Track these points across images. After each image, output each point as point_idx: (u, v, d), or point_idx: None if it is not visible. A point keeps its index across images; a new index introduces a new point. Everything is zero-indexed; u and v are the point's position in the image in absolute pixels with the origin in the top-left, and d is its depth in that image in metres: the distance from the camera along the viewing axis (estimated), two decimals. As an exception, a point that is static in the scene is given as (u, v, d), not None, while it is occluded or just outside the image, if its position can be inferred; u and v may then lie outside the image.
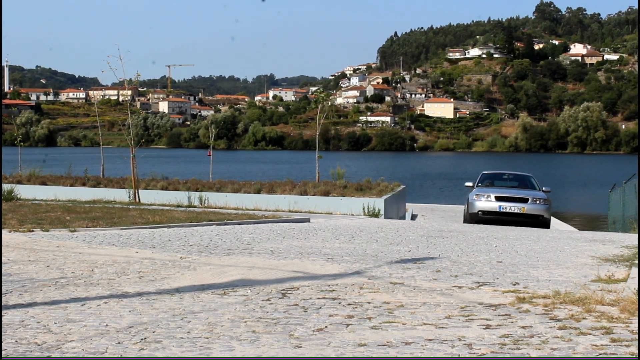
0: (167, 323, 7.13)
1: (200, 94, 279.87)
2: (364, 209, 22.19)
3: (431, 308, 7.78)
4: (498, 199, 21.91)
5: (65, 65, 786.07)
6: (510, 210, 21.63)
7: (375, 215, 21.91)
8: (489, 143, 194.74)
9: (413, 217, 29.85)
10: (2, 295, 8.44)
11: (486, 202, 21.83)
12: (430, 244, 13.68)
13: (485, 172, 24.86)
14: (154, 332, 6.79)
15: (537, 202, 21.92)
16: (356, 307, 7.80)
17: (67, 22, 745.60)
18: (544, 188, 23.25)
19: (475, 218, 21.77)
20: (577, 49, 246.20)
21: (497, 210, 21.64)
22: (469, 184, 23.71)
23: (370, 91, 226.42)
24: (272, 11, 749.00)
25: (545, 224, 21.86)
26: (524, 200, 21.89)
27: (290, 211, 22.22)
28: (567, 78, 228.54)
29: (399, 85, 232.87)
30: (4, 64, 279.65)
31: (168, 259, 11.17)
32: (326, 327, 6.97)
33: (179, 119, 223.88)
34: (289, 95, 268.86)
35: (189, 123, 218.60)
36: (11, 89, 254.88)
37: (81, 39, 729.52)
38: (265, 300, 8.19)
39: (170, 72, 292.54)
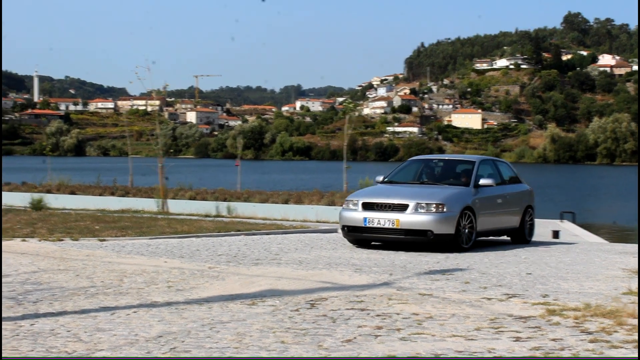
0: (196, 333, 7.15)
1: (227, 105, 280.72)
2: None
3: (460, 320, 7.75)
4: (366, 206, 14.40)
5: (94, 75, 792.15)
6: (378, 225, 14.08)
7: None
8: (517, 154, 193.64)
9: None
10: (33, 304, 8.50)
11: (352, 212, 14.48)
12: (459, 255, 13.61)
13: (413, 158, 17.58)
14: (183, 341, 6.80)
15: (424, 209, 13.91)
16: (385, 318, 7.78)
17: (96, 32, 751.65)
18: (481, 181, 15.13)
19: (348, 238, 15.06)
20: (606, 59, 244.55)
21: (363, 225, 14.25)
22: (380, 178, 16.27)
23: (397, 102, 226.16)
24: (298, 21, 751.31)
25: (445, 244, 14.20)
26: (401, 208, 14.05)
27: (318, 221, 22.23)
28: (596, 89, 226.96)
29: (426, 96, 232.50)
30: (33, 74, 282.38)
31: (196, 269, 11.20)
32: (355, 338, 6.96)
33: (207, 129, 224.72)
34: (316, 106, 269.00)
35: (216, 133, 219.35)
36: (41, 99, 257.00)
37: (110, 50, 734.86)
38: (293, 310, 8.19)
39: (198, 82, 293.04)
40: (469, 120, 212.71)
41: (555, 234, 22.67)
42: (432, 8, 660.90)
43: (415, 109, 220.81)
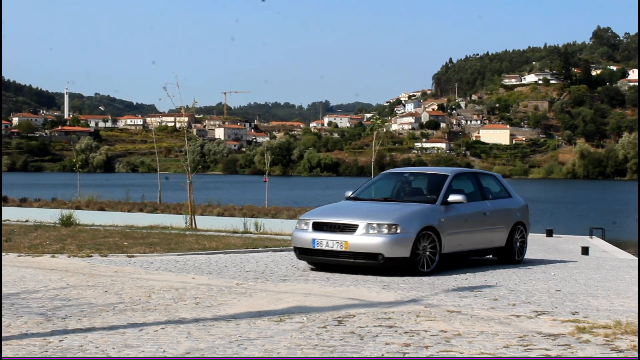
0: (223, 349, 7.15)
1: (255, 121, 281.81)
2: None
3: (489, 337, 7.69)
4: (316, 227, 13.10)
5: (124, 92, 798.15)
6: (326, 247, 12.73)
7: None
8: (546, 170, 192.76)
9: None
10: (62, 320, 8.54)
11: (303, 233, 13.20)
12: (487, 272, 13.54)
13: (386, 171, 16.26)
14: (210, 358, 6.80)
15: (375, 230, 12.51)
16: (413, 336, 7.74)
17: (125, 50, 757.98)
18: (451, 197, 13.63)
19: (307, 260, 13.55)
20: (636, 74, 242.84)
21: (312, 247, 12.94)
22: (349, 193, 14.98)
23: (425, 117, 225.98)
24: (326, 38, 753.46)
25: (399, 269, 12.71)
26: (350, 229, 12.69)
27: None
28: (626, 104, 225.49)
29: (454, 111, 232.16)
30: (64, 91, 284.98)
31: (224, 285, 11.21)
32: (383, 355, 6.93)
33: (235, 146, 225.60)
34: (344, 122, 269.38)
35: (244, 149, 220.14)
36: (71, 116, 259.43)
37: (139, 67, 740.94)
38: (321, 327, 8.17)
39: (226, 99, 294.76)
40: (498, 135, 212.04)
41: (585, 251, 22.48)
42: (460, 24, 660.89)
43: (443, 125, 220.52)
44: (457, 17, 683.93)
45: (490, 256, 15.39)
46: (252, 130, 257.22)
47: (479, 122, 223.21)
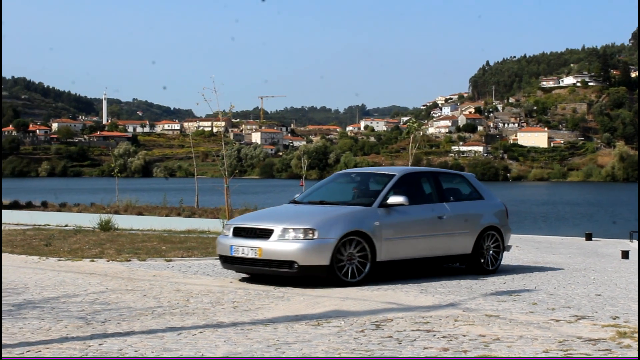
0: (261, 353, 7.16)
1: (292, 125, 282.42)
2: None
3: (528, 342, 7.63)
4: (236, 232, 12.16)
5: (161, 97, 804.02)
6: (242, 255, 11.76)
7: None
8: (585, 173, 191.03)
9: (507, 248, 29.38)
10: (101, 324, 8.60)
11: (224, 239, 12.29)
12: (526, 276, 13.43)
13: (339, 172, 15.06)
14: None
15: (291, 236, 11.47)
16: (451, 340, 7.70)
17: (162, 55, 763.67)
18: (391, 199, 12.39)
19: (231, 269, 12.46)
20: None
21: (230, 254, 11.98)
22: (296, 196, 13.92)
23: (462, 121, 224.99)
24: (362, 40, 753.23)
25: (318, 279, 11.60)
26: (266, 235, 11.69)
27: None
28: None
29: (491, 114, 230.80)
30: (102, 97, 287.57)
31: (262, 289, 11.24)
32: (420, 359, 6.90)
33: (272, 150, 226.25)
34: (380, 126, 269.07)
35: (281, 153, 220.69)
36: (109, 121, 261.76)
37: (176, 72, 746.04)
38: (359, 331, 8.16)
39: (262, 103, 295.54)
40: (535, 138, 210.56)
41: (625, 254, 22.22)
42: (498, 26, 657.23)
43: (480, 128, 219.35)
44: (494, 19, 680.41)
45: (458, 264, 14.04)
46: (289, 135, 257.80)
47: (516, 125, 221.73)
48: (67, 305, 9.86)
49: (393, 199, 12.40)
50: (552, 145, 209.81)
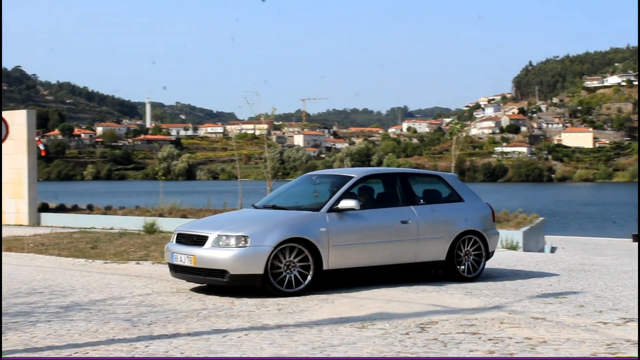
0: (306, 356, 7.17)
1: (334, 127, 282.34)
2: (501, 241, 21.79)
3: (575, 345, 7.55)
4: (178, 239, 11.64)
5: (204, 101, 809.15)
6: (180, 262, 11.23)
7: (513, 247, 21.48)
8: (631, 173, 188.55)
9: (552, 249, 29.12)
10: (147, 326, 8.67)
11: (169, 245, 11.77)
12: (572, 278, 13.29)
13: (307, 174, 14.05)
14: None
15: (224, 243, 10.88)
16: (497, 343, 7.65)
17: (205, 59, 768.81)
18: (342, 203, 11.62)
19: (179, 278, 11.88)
20: None
21: (172, 262, 11.49)
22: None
23: (505, 122, 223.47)
24: (405, 41, 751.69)
25: (253, 289, 11.10)
26: (201, 242, 11.14)
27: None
28: None
29: (535, 115, 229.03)
30: (145, 101, 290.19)
31: (306, 292, 11.24)
32: (467, 362, 6.86)
33: (314, 152, 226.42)
34: (422, 127, 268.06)
35: (323, 156, 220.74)
36: (153, 125, 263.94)
37: (218, 76, 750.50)
38: (404, 334, 8.13)
39: (305, 105, 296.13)
40: (580, 139, 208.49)
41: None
42: (540, 26, 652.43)
43: (524, 129, 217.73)
44: (537, 19, 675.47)
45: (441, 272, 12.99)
46: (331, 137, 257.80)
47: (560, 125, 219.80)
48: (114, 308, 9.96)
49: (343, 203, 11.63)
50: (597, 145, 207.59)
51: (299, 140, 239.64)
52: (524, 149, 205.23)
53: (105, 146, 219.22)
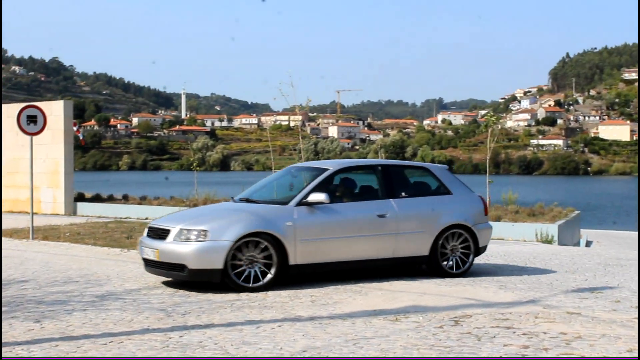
0: (340, 348, 7.17)
1: (369, 119, 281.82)
2: (536, 234, 21.63)
3: (611, 340, 7.48)
4: (149, 232, 11.51)
5: (239, 92, 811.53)
6: (147, 256, 11.18)
7: (548, 241, 21.32)
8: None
9: (588, 243, 28.87)
10: (182, 316, 8.72)
11: (141, 239, 11.66)
12: (608, 273, 13.16)
13: (290, 166, 13.77)
14: (327, 357, 6.83)
15: (185, 237, 10.71)
16: (531, 337, 7.60)
17: (239, 51, 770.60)
18: (312, 197, 11.30)
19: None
20: None
21: (142, 255, 11.43)
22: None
23: (541, 114, 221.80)
24: (440, 34, 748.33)
25: (208, 282, 10.81)
26: (165, 235, 11.00)
27: (460, 236, 21.93)
28: None
29: (571, 107, 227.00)
30: (181, 92, 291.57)
31: (339, 284, 11.24)
32: (501, 357, 6.83)
33: (348, 144, 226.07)
34: (457, 119, 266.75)
35: (358, 147, 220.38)
36: (188, 115, 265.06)
37: (253, 67, 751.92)
38: (437, 327, 8.10)
39: (339, 97, 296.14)
40: (617, 132, 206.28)
41: None
42: (577, 18, 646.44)
43: (560, 121, 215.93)
44: (573, 11, 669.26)
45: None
46: (366, 128, 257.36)
47: (597, 118, 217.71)
48: (148, 297, 10.03)
49: (313, 197, 11.28)
50: (634, 138, 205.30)
51: (333, 131, 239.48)
52: (559, 142, 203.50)
53: (140, 137, 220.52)
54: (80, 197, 30.27)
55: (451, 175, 13.10)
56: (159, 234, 11.10)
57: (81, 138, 32.74)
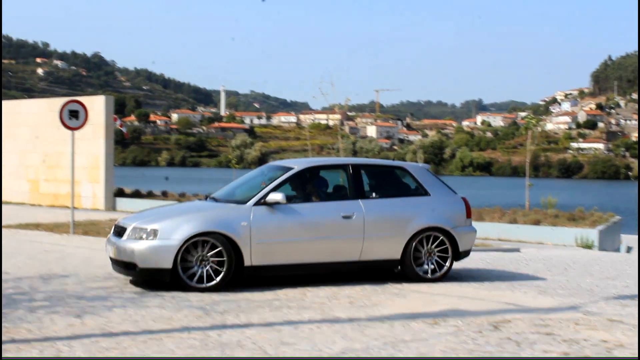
0: (378, 351, 7.15)
1: (407, 119, 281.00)
2: (576, 239, 21.46)
3: (654, 349, 7.39)
4: (114, 230, 11.46)
5: (278, 90, 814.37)
6: (109, 254, 11.26)
7: (588, 246, 21.14)
8: None
9: (628, 249, 28.56)
10: (220, 315, 8.75)
11: (109, 236, 11.56)
12: (650, 280, 13.00)
13: (267, 164, 13.50)
14: (365, 359, 6.82)
15: (137, 235, 10.68)
16: (572, 345, 7.53)
17: (279, 48, 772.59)
18: (271, 196, 11.04)
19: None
20: None
21: (107, 253, 11.52)
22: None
23: (582, 117, 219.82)
24: (480, 34, 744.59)
25: (157, 282, 10.83)
26: (122, 233, 10.98)
27: (499, 240, 21.82)
28: None
29: (613, 110, 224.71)
30: (220, 89, 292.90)
31: (378, 285, 11.22)
32: (541, 364, 6.77)
33: (387, 144, 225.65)
34: (497, 121, 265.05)
35: (396, 147, 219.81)
36: (227, 113, 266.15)
37: (293, 65, 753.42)
38: (476, 332, 8.05)
39: (378, 97, 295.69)
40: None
41: None
42: (620, 20, 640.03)
43: (601, 125, 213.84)
44: (616, 13, 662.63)
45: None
46: (404, 128, 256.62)
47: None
48: (187, 295, 10.07)
49: (270, 197, 10.97)
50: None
51: (371, 131, 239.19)
52: (600, 145, 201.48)
53: (179, 133, 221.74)
54: (120, 193, 30.51)
55: (432, 176, 12.47)
56: (118, 231, 11.06)
57: (125, 131, 33.07)
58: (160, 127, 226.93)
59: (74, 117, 18.56)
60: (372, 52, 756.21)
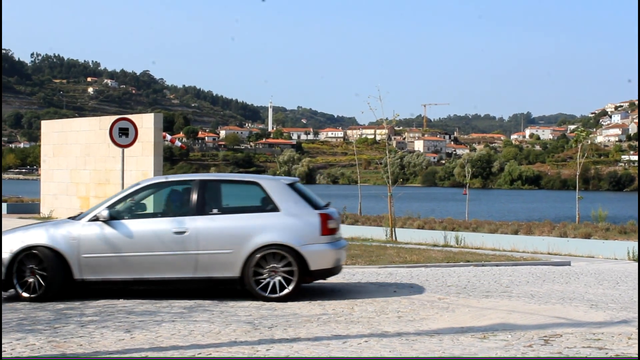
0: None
1: (455, 133, 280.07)
2: (628, 253, 21.16)
3: None
4: None
5: (325, 105, 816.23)
6: None
7: (640, 260, 20.82)
8: None
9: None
10: (269, 329, 8.75)
11: None
12: None
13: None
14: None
15: None
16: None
17: (326, 65, 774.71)
18: (97, 211, 11.40)
19: None
20: None
21: None
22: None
23: (633, 129, 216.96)
24: (529, 48, 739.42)
25: None
26: None
27: (549, 253, 21.61)
28: None
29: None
30: (268, 105, 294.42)
31: (426, 299, 11.16)
32: (593, 378, 6.67)
33: (434, 158, 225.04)
34: (546, 134, 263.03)
35: (444, 162, 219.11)
36: (274, 128, 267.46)
37: (340, 81, 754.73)
38: (526, 346, 7.96)
39: (426, 111, 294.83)
40: None
41: None
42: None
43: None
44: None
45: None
46: (452, 143, 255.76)
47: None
48: (235, 310, 10.10)
49: (98, 212, 11.23)
50: None
51: (419, 145, 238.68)
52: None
53: (227, 149, 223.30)
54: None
55: (286, 191, 11.64)
56: None
57: (180, 144, 33.45)
58: (208, 144, 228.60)
59: (123, 135, 18.78)
60: (419, 66, 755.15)
